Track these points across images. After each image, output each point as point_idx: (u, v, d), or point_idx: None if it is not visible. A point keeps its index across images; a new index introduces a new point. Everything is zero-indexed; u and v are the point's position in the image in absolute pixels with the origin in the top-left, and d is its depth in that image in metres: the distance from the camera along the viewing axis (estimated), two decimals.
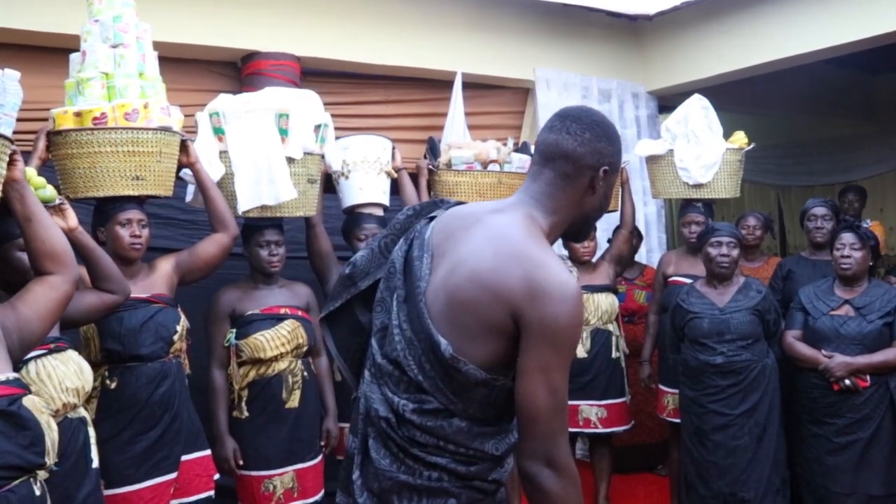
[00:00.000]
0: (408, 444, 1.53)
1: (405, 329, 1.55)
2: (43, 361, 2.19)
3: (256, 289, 3.17)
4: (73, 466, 2.23)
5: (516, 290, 1.44)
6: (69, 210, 2.40)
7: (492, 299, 1.46)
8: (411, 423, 1.52)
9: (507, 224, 1.54)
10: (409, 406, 1.52)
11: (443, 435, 1.51)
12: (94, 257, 2.45)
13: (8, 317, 1.92)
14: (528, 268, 1.45)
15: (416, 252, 1.62)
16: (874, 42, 4.22)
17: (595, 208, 1.63)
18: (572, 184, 1.57)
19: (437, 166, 3.74)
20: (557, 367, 1.44)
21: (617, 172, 1.63)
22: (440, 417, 1.52)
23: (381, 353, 1.60)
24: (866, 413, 3.26)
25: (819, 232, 4.00)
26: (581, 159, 1.56)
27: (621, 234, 4.13)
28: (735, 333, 3.42)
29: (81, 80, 2.70)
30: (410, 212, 1.76)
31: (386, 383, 1.57)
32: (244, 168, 3.04)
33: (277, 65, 3.87)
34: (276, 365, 3.07)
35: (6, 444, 1.68)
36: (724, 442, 3.41)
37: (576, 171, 1.57)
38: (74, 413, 2.28)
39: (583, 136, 1.56)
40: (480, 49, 4.55)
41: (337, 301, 1.77)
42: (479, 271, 1.49)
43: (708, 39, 4.91)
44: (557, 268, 1.47)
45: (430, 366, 1.51)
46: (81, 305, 2.43)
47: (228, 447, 3.03)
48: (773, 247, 7.58)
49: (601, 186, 1.59)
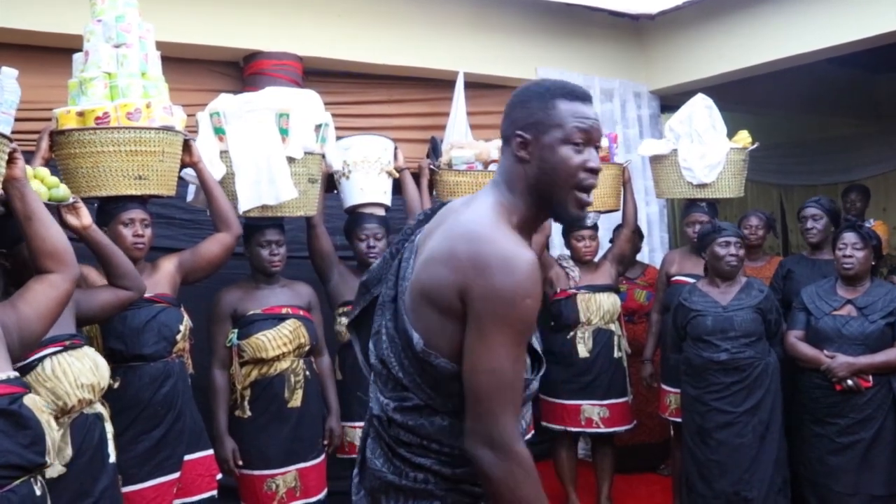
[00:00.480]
0: (395, 444, 1.52)
1: (389, 328, 1.55)
2: (58, 358, 2.21)
3: (258, 289, 3.17)
4: (89, 462, 2.25)
5: (460, 267, 1.41)
6: (83, 209, 2.41)
7: (442, 282, 1.44)
8: (395, 422, 1.51)
9: (471, 210, 1.52)
10: (392, 404, 1.52)
11: (425, 433, 1.49)
12: (109, 254, 2.47)
13: (8, 315, 1.92)
14: (472, 245, 1.42)
15: (406, 254, 1.62)
16: (875, 42, 4.22)
17: (540, 177, 1.52)
18: (509, 159, 1.56)
19: (439, 166, 3.74)
20: (501, 343, 1.37)
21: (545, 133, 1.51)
22: (422, 415, 1.50)
23: (375, 354, 1.60)
24: (869, 413, 3.26)
25: (810, 233, 4.00)
26: (504, 133, 1.57)
27: (623, 233, 4.13)
28: (738, 331, 3.42)
29: (84, 79, 2.70)
30: (421, 216, 1.73)
31: (378, 383, 1.58)
32: (245, 168, 3.04)
33: (279, 64, 3.87)
34: (278, 364, 3.08)
35: (7, 443, 1.67)
36: (727, 440, 3.40)
37: (507, 147, 1.57)
38: (90, 409, 2.30)
39: (505, 111, 1.57)
40: (483, 49, 4.55)
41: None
42: (433, 257, 1.48)
43: (710, 39, 4.91)
44: (504, 242, 1.42)
45: (408, 362, 1.50)
46: (97, 302, 2.45)
47: (228, 447, 3.03)
48: (776, 246, 7.57)
49: (530, 153, 1.52)
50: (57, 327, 2.23)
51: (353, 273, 3.45)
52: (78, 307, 2.39)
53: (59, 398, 2.18)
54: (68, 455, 2.20)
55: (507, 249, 1.40)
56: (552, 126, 1.51)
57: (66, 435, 2.20)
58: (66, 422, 2.22)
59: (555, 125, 1.51)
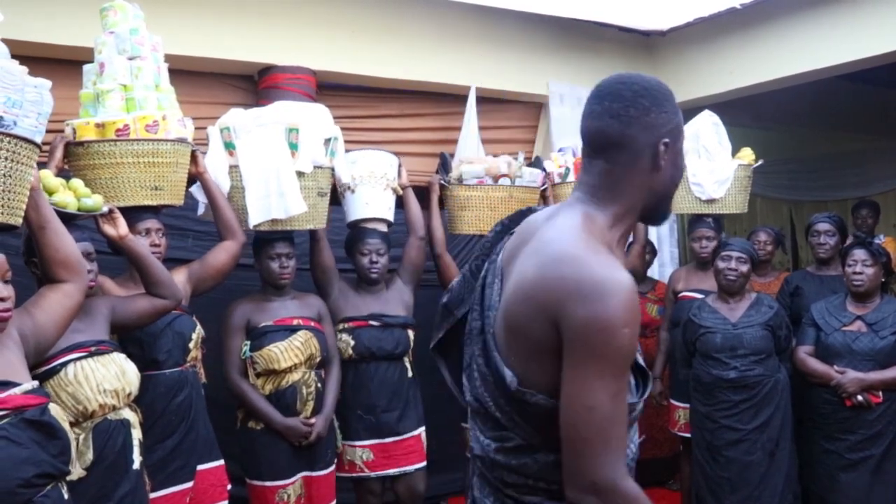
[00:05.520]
0: (501, 486, 1.41)
1: (480, 364, 1.42)
2: (81, 364, 2.23)
3: (269, 301, 3.20)
4: (111, 467, 2.27)
5: (553, 294, 1.27)
6: (120, 218, 2.44)
7: (535, 312, 1.30)
8: (498, 464, 1.40)
9: (557, 229, 1.37)
10: (493, 445, 1.41)
11: (531, 472, 1.37)
12: (146, 264, 2.50)
13: (25, 323, 1.95)
14: (565, 269, 1.28)
15: (488, 279, 1.49)
16: (888, 58, 4.22)
17: (666, 184, 1.42)
18: (631, 169, 1.38)
19: (449, 181, 3.77)
20: (598, 377, 1.23)
21: (680, 136, 1.42)
22: (524, 454, 1.37)
23: (470, 391, 1.48)
24: (879, 429, 3.25)
25: (822, 248, 3.99)
26: (633, 142, 1.37)
27: (634, 249, 4.14)
28: (748, 348, 3.42)
29: (101, 91, 2.73)
30: (499, 227, 1.62)
31: (476, 422, 1.47)
32: (254, 182, 3.06)
33: (293, 78, 3.92)
34: (289, 376, 3.10)
35: (42, 454, 1.74)
36: (736, 457, 3.40)
37: (631, 155, 1.38)
38: (115, 415, 2.31)
39: (627, 114, 1.36)
40: (494, 63, 4.59)
41: (439, 332, 1.65)
42: (522, 286, 1.34)
43: (720, 55, 4.92)
44: (599, 264, 1.28)
45: (503, 400, 1.37)
46: (133, 310, 2.48)
47: (295, 423, 3.05)
48: (785, 262, 7.55)
49: (667, 160, 1.39)
50: (85, 333, 2.27)
51: (352, 288, 3.47)
52: (114, 314, 2.42)
53: (79, 403, 2.20)
54: (89, 459, 2.22)
55: (601, 273, 1.26)
56: (681, 132, 1.43)
57: (87, 439, 2.23)
58: (89, 426, 2.24)
59: (682, 131, 1.44)
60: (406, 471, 3.40)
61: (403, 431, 3.39)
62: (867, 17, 4.18)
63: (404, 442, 3.39)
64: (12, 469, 1.68)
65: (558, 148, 4.31)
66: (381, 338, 3.37)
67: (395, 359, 3.40)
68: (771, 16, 4.58)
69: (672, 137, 1.40)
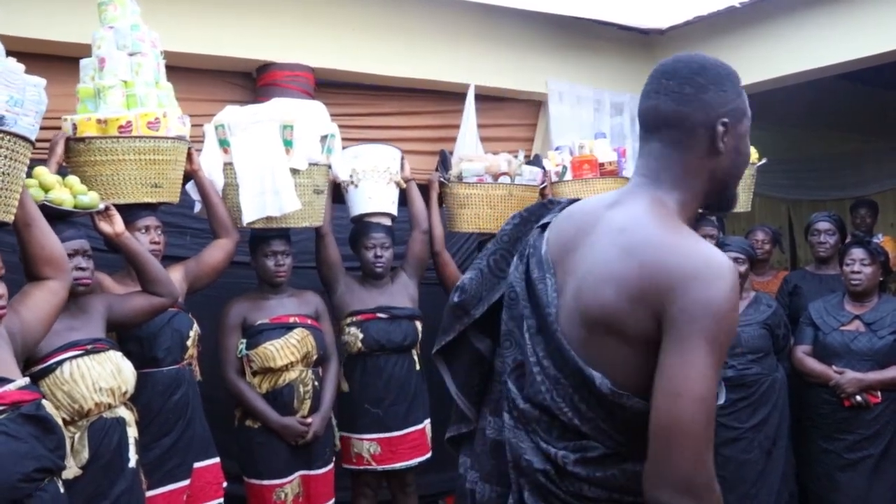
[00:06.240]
0: (574, 500, 1.29)
1: (546, 366, 1.32)
2: (77, 362, 2.23)
3: (265, 299, 3.20)
4: (106, 465, 2.27)
5: (655, 282, 1.19)
6: (116, 216, 2.45)
7: (631, 306, 1.21)
8: (575, 476, 1.28)
9: (630, 215, 1.30)
10: (571, 457, 1.28)
11: (616, 485, 1.27)
12: (143, 261, 2.50)
13: (12, 321, 1.95)
14: (665, 255, 1.21)
15: (535, 273, 1.39)
16: (886, 58, 4.22)
17: (729, 170, 1.37)
18: (688, 151, 1.33)
19: (449, 179, 3.76)
20: (710, 365, 1.15)
21: (743, 119, 1.37)
22: (609, 465, 1.27)
23: (523, 397, 1.36)
24: (877, 429, 3.26)
25: (822, 247, 4.00)
26: (687, 119, 1.31)
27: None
28: (746, 347, 3.42)
29: (102, 87, 2.71)
30: (517, 220, 1.55)
31: (535, 431, 1.34)
32: (248, 179, 3.06)
33: (292, 76, 3.90)
34: (286, 375, 3.09)
35: (41, 449, 1.76)
36: (733, 456, 3.40)
37: (687, 135, 1.32)
38: (110, 413, 2.31)
39: (682, 92, 1.31)
40: (493, 61, 4.58)
41: (450, 334, 1.57)
42: (610, 278, 1.25)
43: (720, 55, 4.75)
44: (697, 247, 1.22)
45: (585, 406, 1.28)
46: (130, 307, 2.48)
47: (291, 422, 3.05)
48: (784, 261, 7.55)
49: (728, 142, 1.33)
50: (81, 331, 2.27)
51: (358, 283, 3.47)
52: (110, 312, 2.42)
53: (74, 401, 2.20)
54: (84, 458, 2.22)
55: (708, 255, 1.21)
56: (745, 115, 1.38)
57: (83, 438, 2.23)
58: (84, 425, 2.24)
59: (745, 114, 1.38)
60: (410, 465, 3.41)
61: (409, 425, 3.40)
62: (866, 16, 4.18)
63: (409, 435, 3.40)
64: (13, 464, 1.69)
65: (555, 147, 4.31)
66: (390, 330, 3.37)
67: (403, 351, 3.40)
68: (770, 15, 4.58)
69: (733, 118, 1.34)
